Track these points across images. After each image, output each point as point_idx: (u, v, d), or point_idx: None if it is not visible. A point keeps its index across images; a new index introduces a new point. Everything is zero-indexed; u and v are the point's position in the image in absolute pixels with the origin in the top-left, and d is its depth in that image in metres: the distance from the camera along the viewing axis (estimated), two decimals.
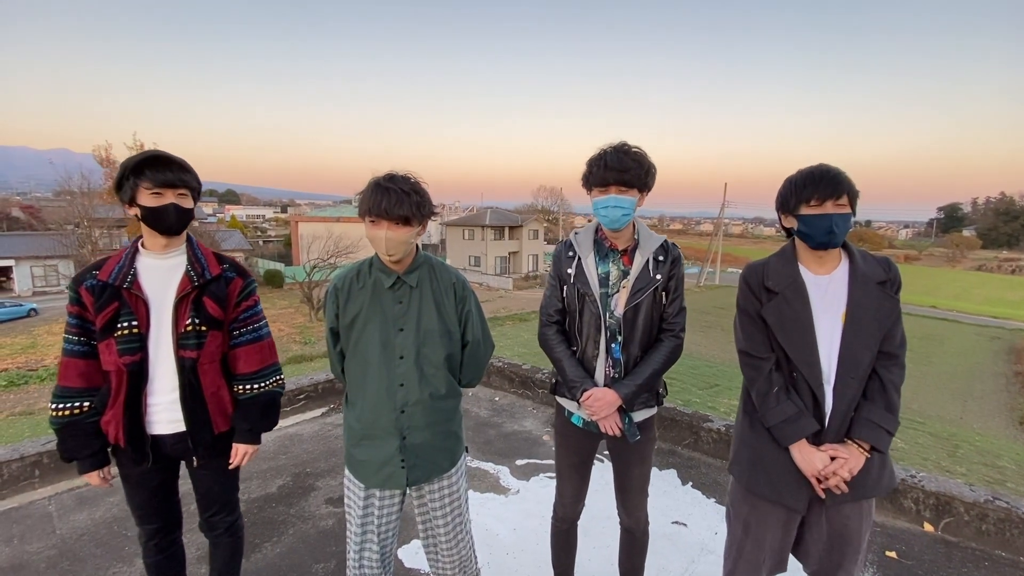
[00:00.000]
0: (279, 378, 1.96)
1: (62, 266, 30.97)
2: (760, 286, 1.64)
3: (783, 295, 1.59)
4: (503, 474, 3.39)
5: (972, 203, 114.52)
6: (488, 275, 42.62)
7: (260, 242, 55.90)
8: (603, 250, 1.86)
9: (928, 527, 2.83)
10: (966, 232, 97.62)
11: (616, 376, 1.84)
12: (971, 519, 2.73)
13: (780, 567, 1.76)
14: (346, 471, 1.80)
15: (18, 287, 32.35)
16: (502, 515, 2.93)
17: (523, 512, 2.96)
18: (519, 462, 3.56)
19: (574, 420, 1.96)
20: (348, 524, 1.80)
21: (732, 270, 51.58)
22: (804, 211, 1.54)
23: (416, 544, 2.61)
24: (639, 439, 1.87)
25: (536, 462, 3.57)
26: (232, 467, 1.89)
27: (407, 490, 1.79)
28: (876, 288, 1.54)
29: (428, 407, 1.71)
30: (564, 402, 1.98)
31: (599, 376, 1.86)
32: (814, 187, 1.51)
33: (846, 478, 1.52)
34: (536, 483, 3.30)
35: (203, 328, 1.74)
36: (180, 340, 1.72)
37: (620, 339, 1.82)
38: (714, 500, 3.12)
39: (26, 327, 24.16)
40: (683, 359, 9.43)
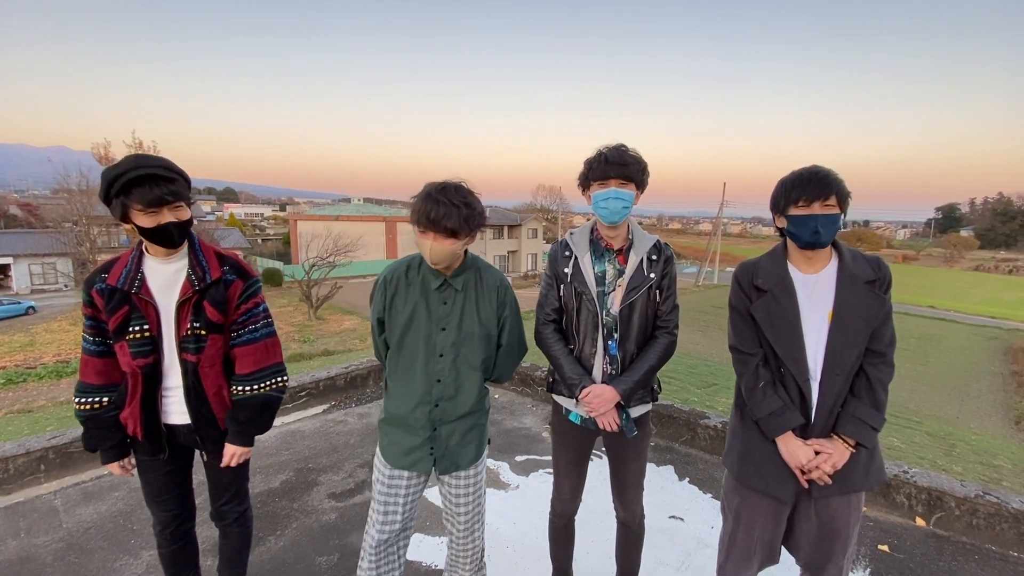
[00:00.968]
0: (278, 380, 1.93)
1: (60, 264, 30.92)
2: (750, 284, 1.69)
3: (772, 293, 1.64)
4: (503, 470, 3.44)
5: (970, 203, 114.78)
6: None
7: (259, 240, 55.85)
8: (599, 249, 1.90)
9: (920, 521, 2.88)
10: (964, 232, 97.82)
11: (613, 372, 1.88)
12: (962, 514, 2.78)
13: (771, 559, 1.81)
14: (377, 451, 1.90)
15: (16, 285, 32.31)
16: (502, 510, 2.97)
17: (523, 507, 3.01)
18: (519, 458, 3.61)
19: (571, 417, 2.00)
20: (373, 499, 1.88)
21: (730, 270, 51.66)
22: (792, 212, 1.58)
23: (417, 537, 2.65)
24: (635, 434, 1.92)
25: (535, 458, 3.62)
26: (223, 466, 1.89)
27: (432, 476, 1.88)
28: (864, 287, 1.58)
29: (460, 404, 1.79)
30: (561, 400, 2.02)
31: (597, 373, 1.90)
32: (802, 188, 1.55)
33: (828, 472, 1.57)
34: (535, 479, 3.34)
35: (203, 332, 1.76)
36: (181, 343, 1.76)
37: (616, 336, 1.87)
38: (711, 495, 3.17)
39: (24, 325, 24.14)
40: (681, 358, 9.46)
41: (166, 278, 1.76)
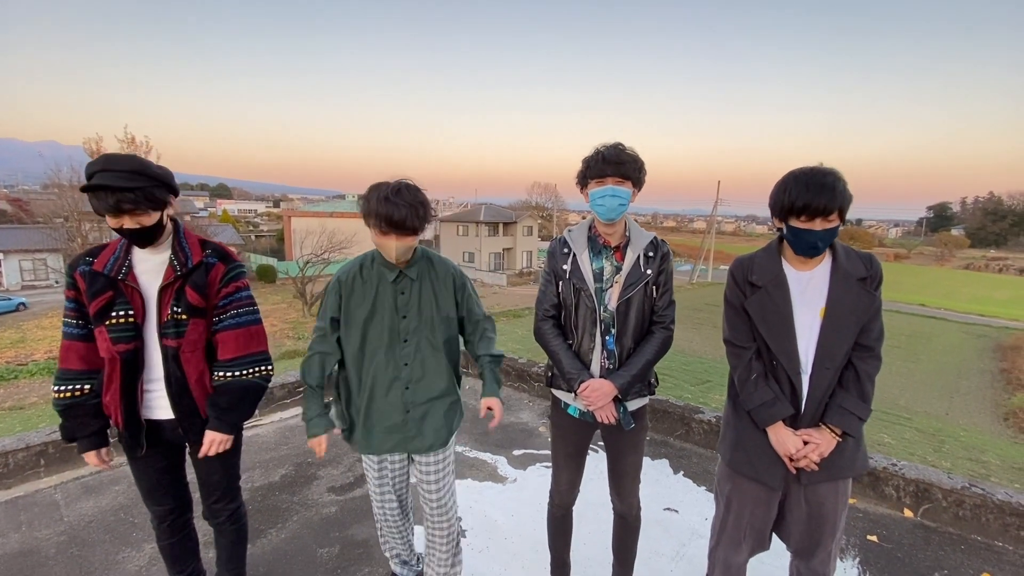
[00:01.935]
0: (262, 368, 1.89)
1: (51, 260, 30.63)
2: (745, 280, 1.74)
3: (766, 289, 1.68)
4: (500, 463, 3.48)
5: (961, 202, 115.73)
6: (482, 271, 42.63)
7: (252, 237, 55.52)
8: (597, 247, 1.94)
9: (908, 513, 2.95)
10: (955, 231, 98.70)
11: (611, 367, 1.93)
12: (949, 505, 2.86)
13: (762, 545, 1.86)
14: (363, 457, 2.05)
15: (6, 281, 32.01)
16: (500, 502, 3.02)
17: (520, 500, 3.05)
18: (516, 452, 3.65)
19: (570, 411, 2.04)
20: (369, 487, 2.10)
21: (724, 267, 51.91)
22: (793, 223, 1.58)
23: (419, 529, 2.69)
24: (633, 427, 1.96)
25: (532, 452, 3.66)
26: (200, 456, 1.85)
27: (410, 456, 2.03)
28: (856, 284, 1.62)
29: (430, 386, 1.95)
30: (560, 394, 2.07)
31: (595, 367, 1.94)
32: (805, 202, 1.51)
33: (816, 460, 1.64)
34: (533, 472, 3.39)
35: (183, 316, 1.76)
36: (162, 329, 1.75)
37: (614, 332, 1.91)
38: (704, 488, 3.23)
39: (15, 321, 23.93)
40: (675, 355, 9.54)
41: (152, 266, 1.77)
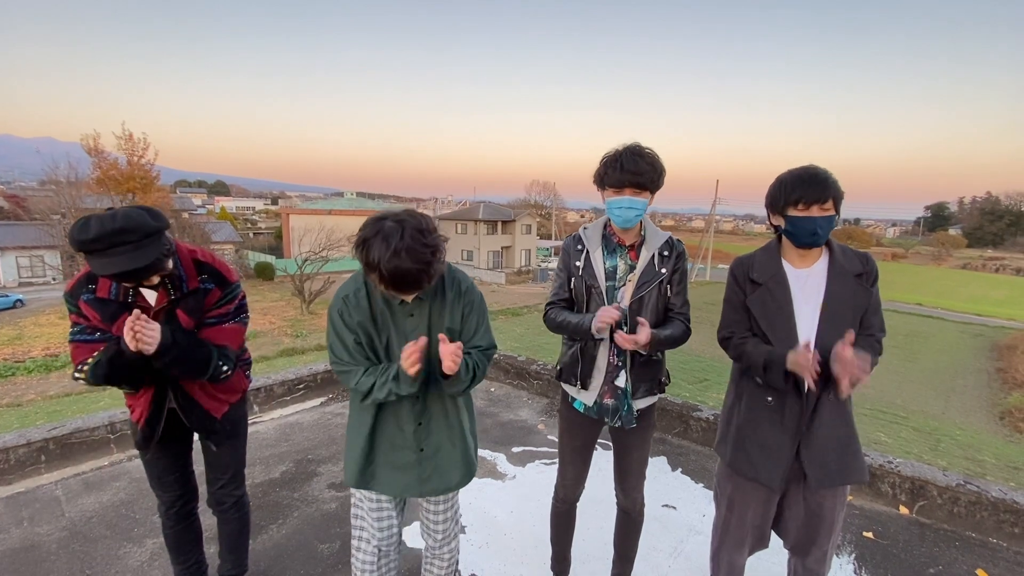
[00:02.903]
0: (223, 365, 1.82)
1: (48, 257, 30.57)
2: (746, 278, 1.76)
3: (766, 286, 1.71)
4: (500, 461, 3.50)
5: (959, 202, 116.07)
6: (481, 269, 42.65)
7: (250, 234, 55.41)
8: (611, 245, 1.95)
9: (903, 510, 2.98)
10: (952, 231, 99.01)
11: (620, 365, 1.94)
12: (944, 502, 2.88)
13: (762, 543, 1.89)
14: (355, 492, 1.81)
15: (3, 278, 31.88)
16: (500, 499, 3.04)
17: (520, 496, 3.07)
18: (515, 449, 3.67)
19: (576, 405, 2.06)
20: (358, 524, 1.83)
21: (723, 266, 51.99)
22: (791, 213, 1.63)
23: (417, 525, 2.71)
24: (634, 426, 1.98)
25: (532, 449, 3.68)
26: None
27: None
28: (853, 280, 1.66)
29: (443, 417, 1.75)
30: (567, 388, 2.08)
31: (601, 362, 1.95)
32: (802, 191, 1.59)
33: (860, 369, 1.48)
34: (532, 469, 3.41)
35: None
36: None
37: (625, 330, 1.91)
38: (702, 485, 3.25)
39: (12, 318, 23.85)
40: (674, 354, 9.56)
41: (150, 287, 1.73)
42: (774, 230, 1.77)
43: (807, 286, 1.69)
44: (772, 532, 1.89)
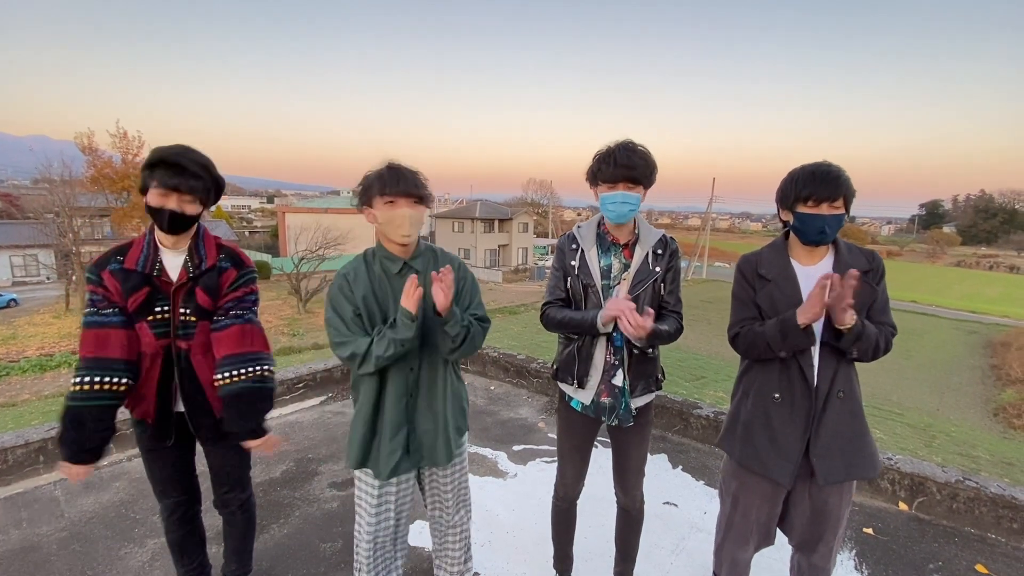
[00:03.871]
0: (260, 369, 1.85)
1: (42, 256, 30.36)
2: (754, 274, 1.77)
3: (775, 282, 1.72)
4: (501, 459, 3.50)
5: (953, 200, 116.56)
6: (478, 268, 42.64)
7: (246, 233, 55.17)
8: (605, 244, 1.95)
9: (903, 506, 3.00)
10: (946, 229, 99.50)
11: (616, 363, 1.94)
12: (943, 498, 2.90)
13: (767, 540, 1.89)
14: (357, 479, 1.87)
15: None
16: (501, 497, 3.04)
17: (521, 494, 3.08)
18: (516, 448, 3.67)
19: (573, 405, 2.06)
20: (359, 511, 1.88)
21: (719, 264, 52.14)
22: (801, 209, 1.64)
23: (419, 524, 2.71)
24: (632, 424, 1.99)
25: (532, 447, 3.69)
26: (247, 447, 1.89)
27: (418, 471, 1.92)
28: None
29: (436, 386, 1.83)
30: (564, 387, 2.08)
31: (599, 361, 1.95)
32: (813, 188, 1.59)
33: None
34: (533, 467, 3.42)
35: (192, 319, 1.78)
36: (174, 331, 1.77)
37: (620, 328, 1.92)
38: (703, 482, 3.26)
39: (6, 318, 23.70)
40: (670, 351, 9.59)
41: (173, 264, 1.79)
42: (783, 225, 1.78)
43: (814, 284, 1.69)
44: (777, 530, 1.90)
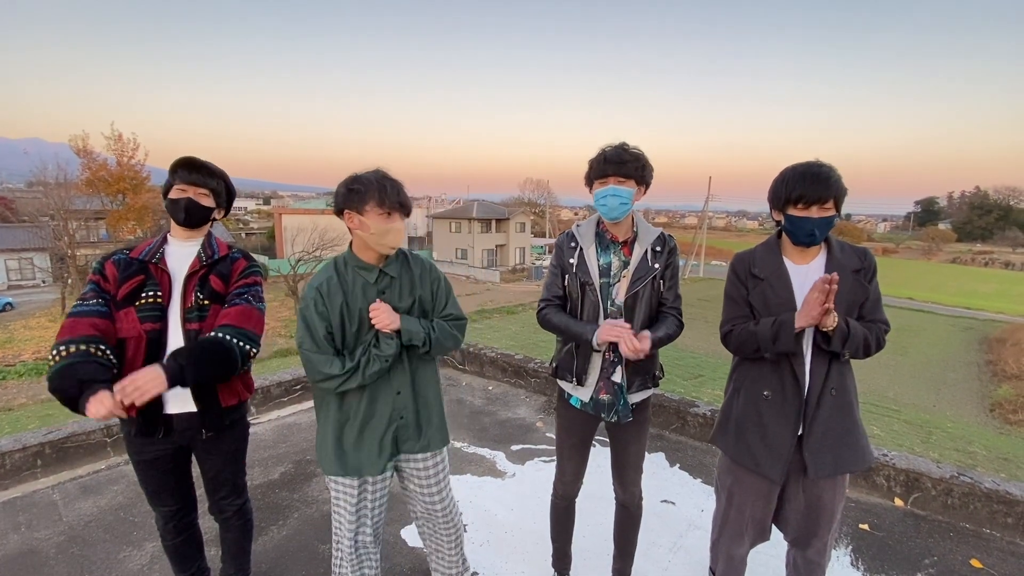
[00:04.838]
0: (246, 345, 1.79)
1: (38, 259, 30.27)
2: (747, 273, 1.79)
3: (768, 281, 1.74)
4: (499, 459, 3.52)
5: (948, 197, 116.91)
6: (475, 268, 42.60)
7: (243, 234, 55.01)
8: (604, 242, 1.96)
9: (898, 502, 3.02)
10: (942, 226, 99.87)
11: (615, 360, 1.95)
12: (938, 494, 2.93)
13: (762, 536, 1.91)
14: (331, 483, 1.87)
15: None
16: (500, 497, 3.05)
17: (520, 494, 3.09)
18: (514, 447, 3.68)
19: (572, 401, 2.07)
20: (337, 515, 1.89)
21: (716, 263, 52.20)
22: (790, 211, 1.65)
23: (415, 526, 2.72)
24: (631, 419, 2.00)
25: (531, 447, 3.70)
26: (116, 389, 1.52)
27: (394, 472, 1.95)
28: (851, 276, 1.68)
29: (417, 385, 1.90)
30: (564, 385, 2.09)
31: (597, 358, 1.96)
32: (803, 190, 1.60)
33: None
34: (531, 467, 3.43)
35: (206, 302, 1.85)
36: (186, 313, 1.82)
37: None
38: (700, 480, 3.28)
39: (1, 322, 23.61)
40: (668, 350, 9.63)
41: (183, 255, 1.89)
42: (775, 224, 1.79)
43: (807, 283, 1.70)
44: (772, 526, 1.92)
